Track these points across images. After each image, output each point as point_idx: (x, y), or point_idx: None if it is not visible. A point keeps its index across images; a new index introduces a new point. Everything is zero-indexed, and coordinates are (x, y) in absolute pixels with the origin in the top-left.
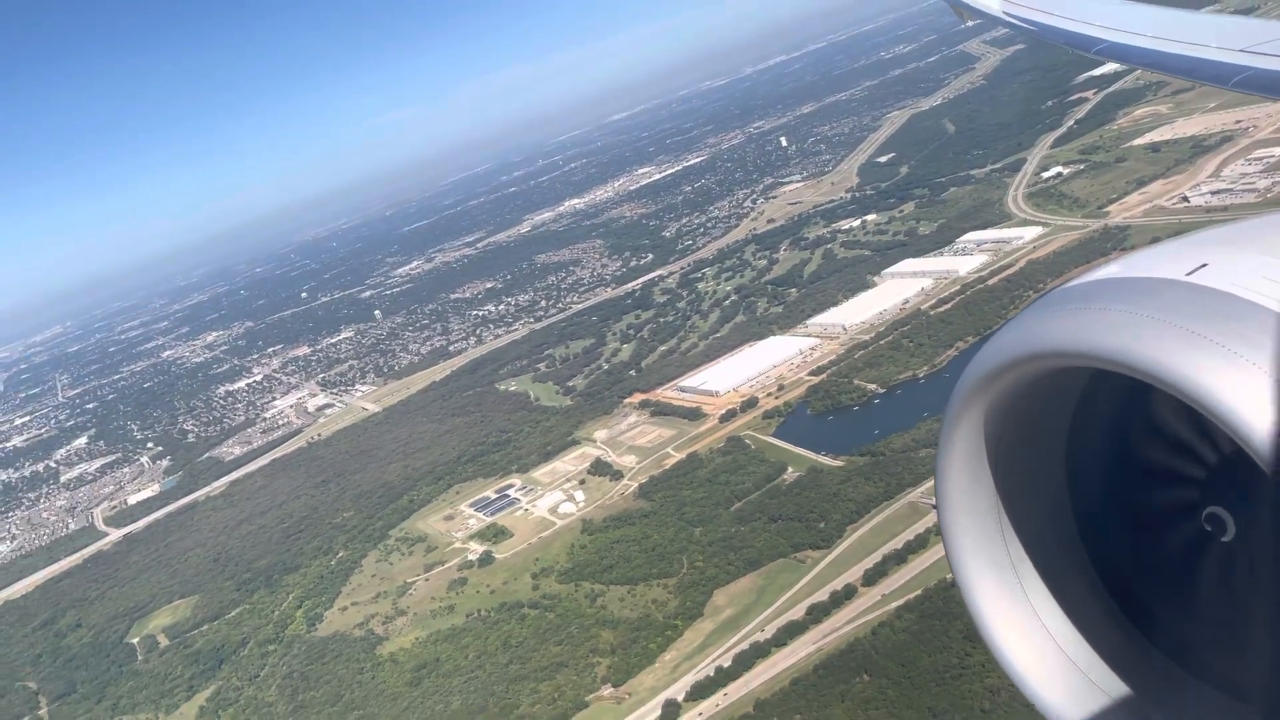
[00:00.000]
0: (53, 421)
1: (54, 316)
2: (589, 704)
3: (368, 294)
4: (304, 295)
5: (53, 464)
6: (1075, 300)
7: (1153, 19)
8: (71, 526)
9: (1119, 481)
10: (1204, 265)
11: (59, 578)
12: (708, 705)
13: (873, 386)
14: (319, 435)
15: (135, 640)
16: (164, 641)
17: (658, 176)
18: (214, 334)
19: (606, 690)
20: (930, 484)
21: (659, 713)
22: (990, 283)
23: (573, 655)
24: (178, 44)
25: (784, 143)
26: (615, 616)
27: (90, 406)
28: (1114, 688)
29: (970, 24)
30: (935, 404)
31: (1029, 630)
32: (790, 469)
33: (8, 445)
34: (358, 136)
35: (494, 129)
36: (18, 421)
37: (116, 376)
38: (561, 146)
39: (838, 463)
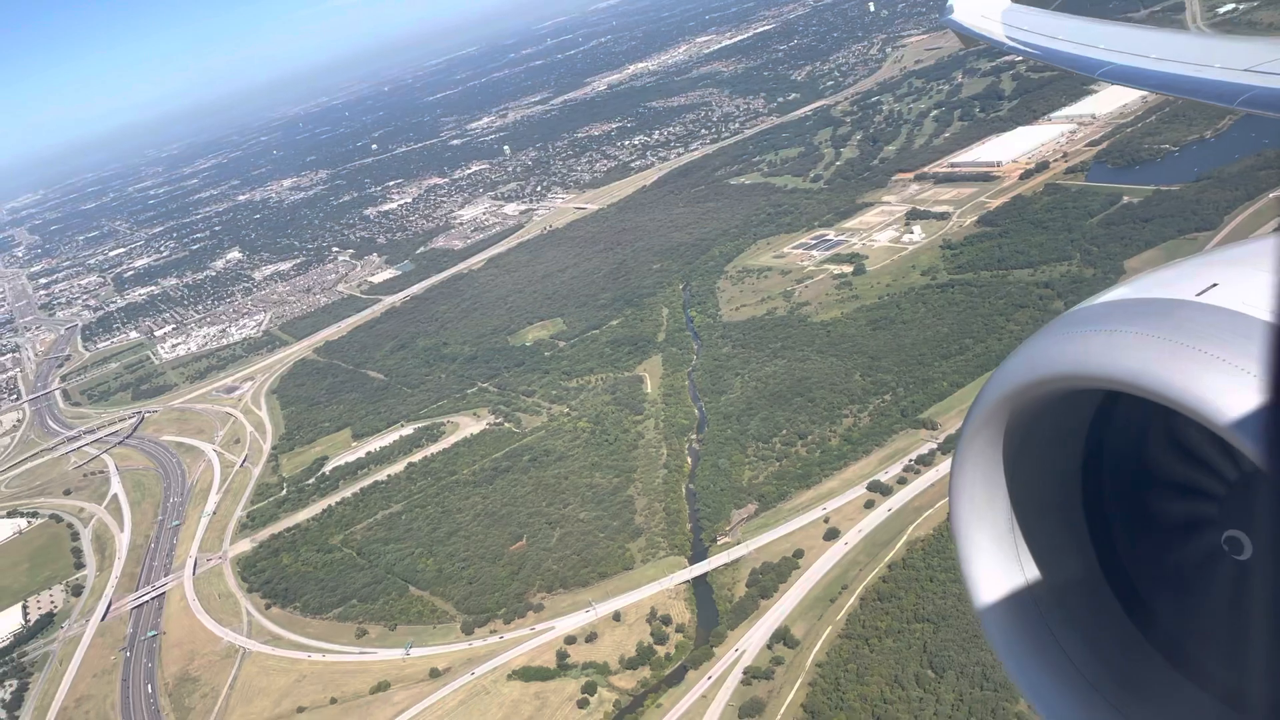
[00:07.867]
0: (167, 249)
1: (23, 185)
2: None
3: (457, 141)
4: (374, 147)
5: (216, 270)
6: (1088, 322)
7: (1156, 41)
8: (323, 301)
9: (1134, 501)
10: (1214, 285)
11: (369, 324)
12: None
13: (1165, 146)
14: (551, 226)
15: (526, 344)
16: (560, 344)
17: (727, 42)
18: (289, 180)
19: None
20: None
21: None
22: None
23: (1024, 300)
24: None
25: (871, 7)
26: (1039, 281)
27: (199, 235)
28: (1127, 704)
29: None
30: (1243, 148)
31: (1042, 646)
32: (1125, 197)
33: (137, 264)
34: (310, 19)
35: (458, 18)
36: (112, 253)
37: (197, 216)
38: (563, 28)
39: (1174, 187)
